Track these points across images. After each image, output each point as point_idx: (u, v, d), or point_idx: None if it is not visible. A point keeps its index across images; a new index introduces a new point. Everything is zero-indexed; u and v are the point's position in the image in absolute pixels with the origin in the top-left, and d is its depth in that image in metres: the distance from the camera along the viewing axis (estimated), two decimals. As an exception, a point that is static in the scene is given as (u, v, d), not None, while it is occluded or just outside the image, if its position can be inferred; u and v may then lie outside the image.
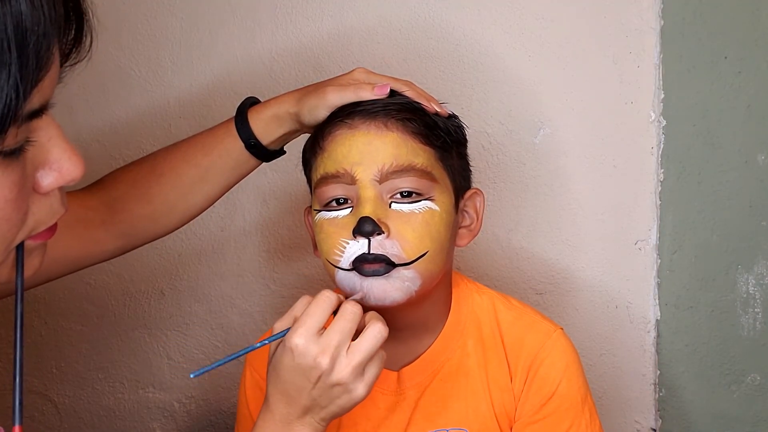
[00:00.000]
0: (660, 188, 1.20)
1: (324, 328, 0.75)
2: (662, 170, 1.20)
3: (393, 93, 0.87)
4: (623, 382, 1.26)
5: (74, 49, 0.51)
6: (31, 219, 0.53)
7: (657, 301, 1.23)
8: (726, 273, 1.21)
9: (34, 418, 1.42)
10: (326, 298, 0.75)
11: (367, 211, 0.80)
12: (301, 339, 0.73)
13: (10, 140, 0.47)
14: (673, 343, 1.24)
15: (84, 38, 0.52)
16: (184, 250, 1.35)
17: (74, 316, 1.39)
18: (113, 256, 0.95)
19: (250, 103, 0.95)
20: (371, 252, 0.80)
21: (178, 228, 0.97)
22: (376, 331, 0.75)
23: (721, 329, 1.23)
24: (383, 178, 0.82)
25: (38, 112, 0.49)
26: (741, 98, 1.17)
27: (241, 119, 0.93)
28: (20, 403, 0.54)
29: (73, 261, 0.89)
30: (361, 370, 0.74)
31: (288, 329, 0.75)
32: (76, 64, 0.52)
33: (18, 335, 0.54)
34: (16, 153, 0.49)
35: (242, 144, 0.93)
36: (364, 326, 0.76)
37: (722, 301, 1.22)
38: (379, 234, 0.80)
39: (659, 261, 1.22)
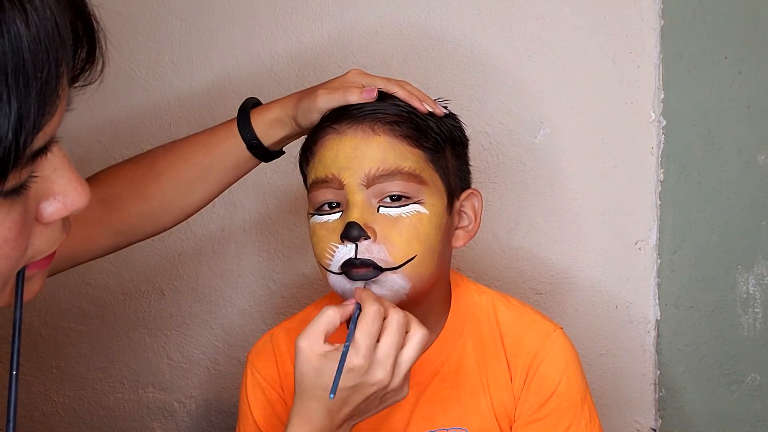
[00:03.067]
0: (660, 188, 1.20)
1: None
2: (662, 170, 1.20)
3: (385, 95, 0.87)
4: (623, 382, 1.26)
5: (84, 73, 0.50)
6: (30, 249, 0.51)
7: (657, 301, 1.23)
8: (726, 273, 1.21)
9: (34, 419, 1.42)
10: (376, 313, 0.76)
11: (353, 216, 0.81)
12: (361, 359, 0.74)
13: (12, 182, 0.45)
14: (673, 343, 1.24)
15: (96, 62, 0.50)
16: (184, 250, 1.35)
17: (74, 316, 1.39)
18: (107, 253, 0.95)
19: (252, 104, 0.95)
20: (358, 257, 0.81)
21: (175, 225, 0.97)
22: (420, 338, 0.77)
23: (721, 329, 1.23)
24: (370, 182, 0.82)
25: (43, 150, 0.47)
26: (741, 98, 1.17)
27: (243, 120, 0.93)
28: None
29: (68, 258, 0.89)
30: (408, 375, 0.77)
31: (347, 346, 0.75)
32: (86, 86, 0.50)
33: (14, 362, 0.52)
34: (18, 191, 0.47)
35: (244, 145, 0.93)
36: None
37: (722, 301, 1.22)
38: (365, 239, 0.81)
39: (659, 261, 1.22)
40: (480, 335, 0.93)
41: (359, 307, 0.78)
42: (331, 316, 0.77)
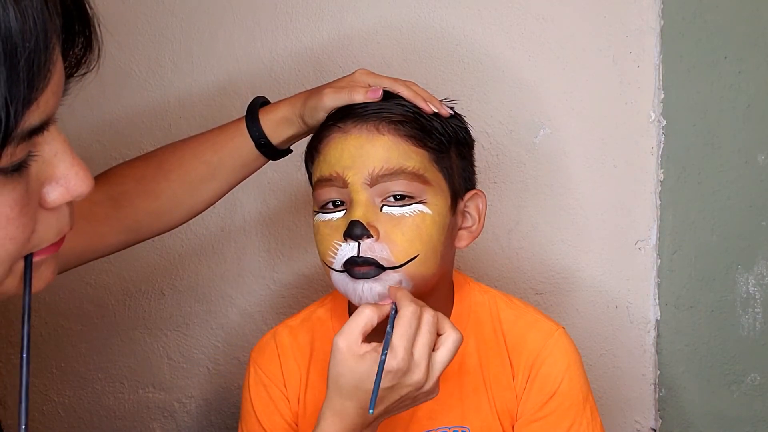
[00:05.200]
0: (660, 188, 1.20)
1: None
2: (662, 170, 1.20)
3: (391, 95, 0.87)
4: (623, 382, 1.26)
5: (83, 61, 0.50)
6: (36, 236, 0.51)
7: (657, 301, 1.23)
8: (726, 273, 1.21)
9: (35, 419, 1.42)
10: (413, 314, 0.76)
11: (357, 214, 0.81)
12: (399, 362, 0.75)
13: (7, 159, 0.45)
14: (673, 343, 1.24)
15: (92, 49, 0.50)
16: (184, 250, 1.35)
17: (74, 316, 1.39)
18: (116, 251, 0.95)
19: (260, 102, 0.96)
20: (360, 255, 0.81)
21: (183, 224, 0.98)
22: (454, 340, 0.78)
23: (721, 329, 1.23)
24: (374, 181, 0.82)
25: (39, 129, 0.47)
26: (741, 98, 1.17)
27: (251, 119, 0.94)
28: (26, 426, 0.52)
29: (77, 256, 0.89)
30: (440, 376, 0.78)
31: (385, 353, 0.76)
32: (85, 74, 0.51)
33: (24, 355, 0.53)
34: (17, 169, 0.47)
35: (252, 143, 0.93)
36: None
37: (722, 301, 1.22)
38: (368, 237, 0.81)
39: (659, 261, 1.22)
40: (482, 335, 0.93)
41: (395, 307, 0.79)
42: (368, 316, 0.77)
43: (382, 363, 0.74)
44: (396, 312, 0.78)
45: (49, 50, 0.45)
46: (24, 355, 0.53)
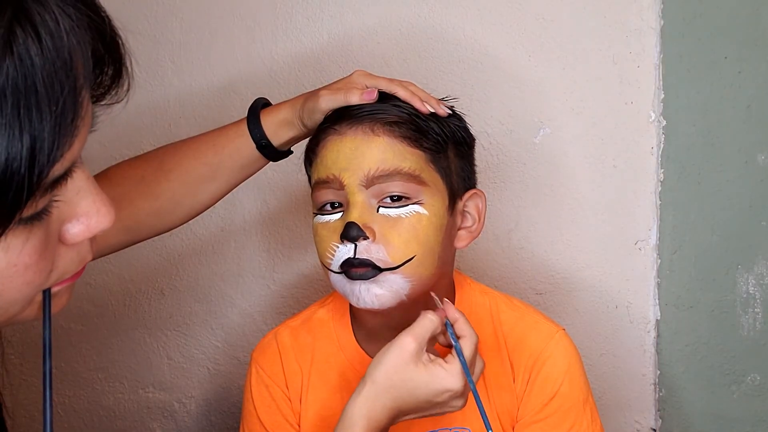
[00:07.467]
0: (660, 188, 1.20)
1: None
2: (662, 170, 1.20)
3: (388, 96, 0.87)
4: (623, 382, 1.26)
5: (110, 92, 0.48)
6: (55, 272, 0.50)
7: (657, 301, 1.23)
8: (726, 273, 1.21)
9: (34, 418, 1.42)
10: (475, 345, 0.79)
11: (353, 216, 0.82)
12: (461, 386, 0.77)
13: (30, 210, 0.44)
14: (673, 343, 1.24)
15: (122, 83, 0.49)
16: (184, 250, 1.35)
17: (74, 316, 1.39)
18: (116, 250, 0.95)
19: (262, 104, 0.96)
20: (357, 257, 0.82)
21: (183, 224, 0.98)
22: (482, 368, 0.82)
23: (721, 329, 1.23)
24: (369, 183, 0.82)
25: (63, 176, 0.45)
26: (741, 98, 1.17)
27: (253, 120, 0.94)
28: None
29: None
30: None
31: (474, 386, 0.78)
32: (112, 104, 0.49)
33: (47, 393, 0.52)
34: (39, 216, 0.46)
35: (253, 144, 0.94)
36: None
37: (722, 301, 1.22)
38: (364, 239, 0.81)
39: (659, 261, 1.22)
40: (482, 336, 0.92)
41: (448, 320, 0.80)
42: (437, 324, 0.79)
43: (472, 383, 0.77)
44: (451, 325, 0.80)
45: (77, 105, 0.44)
46: (47, 393, 0.52)
